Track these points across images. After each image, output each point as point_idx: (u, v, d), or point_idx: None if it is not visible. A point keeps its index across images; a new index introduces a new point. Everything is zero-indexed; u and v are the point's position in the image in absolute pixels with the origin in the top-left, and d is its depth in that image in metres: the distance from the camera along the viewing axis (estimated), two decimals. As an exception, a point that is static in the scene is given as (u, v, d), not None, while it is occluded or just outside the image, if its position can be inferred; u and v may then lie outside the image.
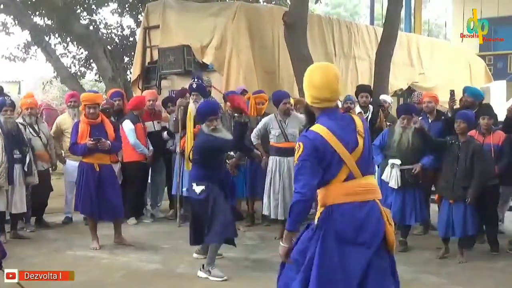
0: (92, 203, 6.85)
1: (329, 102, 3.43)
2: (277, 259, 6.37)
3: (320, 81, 3.40)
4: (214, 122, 5.90)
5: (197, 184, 5.85)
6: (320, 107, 3.44)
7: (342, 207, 3.33)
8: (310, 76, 3.46)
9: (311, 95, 3.44)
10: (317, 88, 3.40)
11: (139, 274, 5.95)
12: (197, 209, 5.93)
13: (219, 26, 10.04)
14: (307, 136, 3.35)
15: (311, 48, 10.12)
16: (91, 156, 6.88)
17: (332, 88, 3.41)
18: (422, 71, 13.91)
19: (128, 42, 15.84)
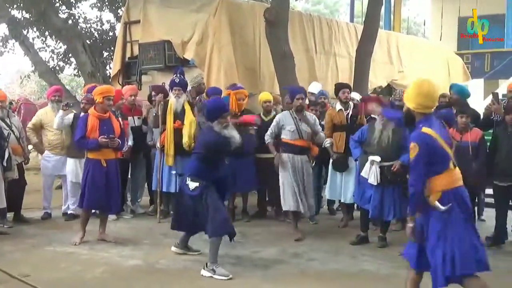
0: (100, 198, 6.86)
1: (430, 109, 4.28)
2: (258, 255, 6.47)
3: (428, 91, 4.23)
4: (227, 119, 5.91)
5: (192, 179, 5.85)
6: (423, 112, 4.25)
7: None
8: (419, 86, 4.28)
9: (418, 103, 4.24)
10: (424, 96, 4.22)
11: (120, 269, 5.93)
12: (186, 203, 5.91)
13: (200, 22, 10.01)
14: (421, 137, 4.14)
15: (292, 45, 10.16)
16: (98, 152, 6.87)
17: (435, 98, 4.35)
18: (402, 69, 14.02)
19: (107, 37, 15.70)
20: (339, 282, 5.58)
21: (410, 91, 4.34)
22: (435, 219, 4.17)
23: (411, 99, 4.30)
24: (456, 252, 4.06)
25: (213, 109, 6.04)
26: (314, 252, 6.66)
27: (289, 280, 5.62)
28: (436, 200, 4.15)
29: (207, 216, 5.75)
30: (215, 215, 5.73)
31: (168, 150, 8.01)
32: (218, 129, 5.84)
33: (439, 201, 4.14)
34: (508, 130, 6.76)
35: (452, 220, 4.12)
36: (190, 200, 5.89)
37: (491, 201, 7.74)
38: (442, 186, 4.18)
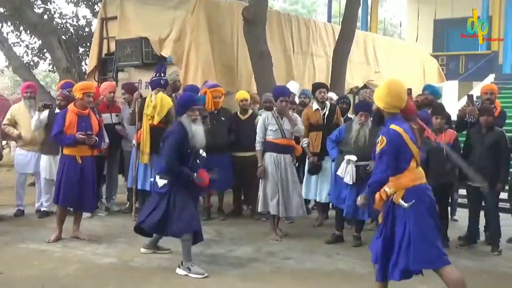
0: (75, 195, 6.80)
1: (398, 109, 4.42)
2: (233, 253, 6.47)
3: (398, 92, 4.40)
4: (196, 112, 5.84)
5: (161, 177, 5.81)
6: (391, 112, 4.41)
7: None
8: (389, 86, 4.43)
9: (387, 103, 4.41)
10: (394, 97, 4.38)
11: (94, 267, 5.88)
12: (156, 201, 5.85)
13: (178, 19, 9.96)
14: (389, 133, 4.33)
15: (270, 44, 10.18)
16: (74, 148, 6.81)
17: (404, 98, 4.43)
18: (378, 70, 14.13)
19: (83, 33, 15.55)
20: (314, 281, 5.61)
21: (380, 91, 4.50)
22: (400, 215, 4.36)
23: (380, 99, 4.46)
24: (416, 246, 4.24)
25: (182, 102, 6.02)
26: (290, 251, 6.68)
27: (265, 279, 5.63)
28: (400, 197, 4.34)
29: (173, 215, 5.69)
30: (181, 213, 5.68)
31: (144, 148, 7.96)
32: (186, 122, 5.79)
33: (403, 199, 4.33)
34: (482, 131, 6.85)
35: (415, 216, 4.30)
36: (157, 198, 5.84)
37: (464, 202, 7.85)
38: (405, 183, 4.36)
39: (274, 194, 7.14)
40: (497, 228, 6.91)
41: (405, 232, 4.30)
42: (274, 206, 7.14)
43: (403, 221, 4.33)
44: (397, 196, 4.36)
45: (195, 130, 5.80)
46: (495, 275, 5.90)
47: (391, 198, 4.40)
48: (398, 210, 4.37)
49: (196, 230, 5.80)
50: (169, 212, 5.71)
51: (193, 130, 5.79)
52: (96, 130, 6.96)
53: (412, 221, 4.29)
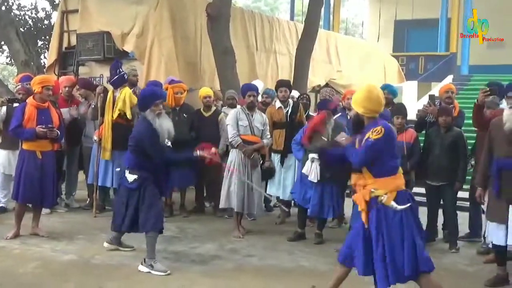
0: (35, 191, 6.66)
1: (377, 114, 4.43)
2: (195, 250, 6.45)
3: (377, 97, 4.40)
4: (159, 106, 5.77)
5: (130, 172, 5.74)
6: (371, 116, 4.40)
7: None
8: (369, 92, 4.41)
9: (366, 108, 4.39)
10: (373, 102, 4.39)
11: (54, 264, 5.78)
12: (126, 197, 5.79)
13: (141, 14, 9.87)
14: (387, 126, 4.36)
15: (233, 41, 10.18)
16: (34, 143, 6.66)
17: (382, 103, 4.45)
18: (340, 69, 14.28)
19: (42, 25, 15.28)
20: (276, 278, 5.63)
21: (359, 96, 4.46)
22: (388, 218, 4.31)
23: (360, 104, 4.43)
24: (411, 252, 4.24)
25: (144, 97, 5.93)
26: (252, 248, 6.69)
27: (227, 276, 5.63)
28: (392, 199, 4.30)
29: (142, 211, 5.67)
30: (150, 210, 5.66)
31: (105, 144, 7.86)
32: (151, 118, 5.72)
33: (395, 201, 4.29)
34: (441, 132, 6.98)
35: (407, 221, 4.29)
36: (127, 194, 5.79)
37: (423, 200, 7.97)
38: (396, 186, 4.35)
39: (240, 190, 7.15)
40: (455, 226, 7.06)
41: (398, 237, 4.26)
42: (239, 203, 7.15)
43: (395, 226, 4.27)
44: (388, 198, 4.31)
45: (159, 125, 5.74)
46: (453, 272, 6.03)
47: (380, 199, 4.33)
48: (386, 213, 4.31)
49: (161, 228, 5.82)
50: (139, 208, 5.69)
51: (158, 125, 5.73)
52: (56, 123, 6.83)
53: (406, 226, 4.26)
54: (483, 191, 5.71)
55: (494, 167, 5.47)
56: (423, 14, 21.66)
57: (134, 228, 5.87)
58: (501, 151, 5.42)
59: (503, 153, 5.40)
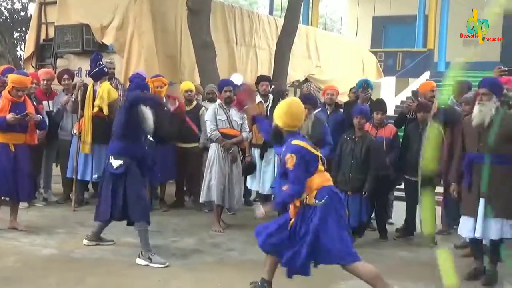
0: (9, 184, 6.60)
1: (297, 127, 4.67)
2: (176, 244, 6.44)
3: (296, 113, 4.64)
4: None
5: (115, 158, 5.77)
6: (290, 130, 4.63)
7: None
8: (290, 107, 4.64)
9: (285, 122, 4.61)
10: (293, 117, 4.62)
11: (33, 259, 5.73)
12: (112, 183, 5.80)
13: (120, 7, 9.79)
14: (295, 149, 4.51)
15: (213, 35, 10.16)
16: (6, 135, 6.60)
17: (301, 118, 4.73)
18: (319, 64, 14.34)
19: (19, 17, 15.12)
20: (258, 271, 5.60)
21: (280, 110, 4.67)
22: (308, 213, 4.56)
23: (279, 118, 4.65)
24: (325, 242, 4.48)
25: (136, 86, 6.19)
26: (233, 242, 6.71)
27: (209, 269, 5.65)
28: (313, 197, 4.53)
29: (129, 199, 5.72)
30: (139, 200, 5.73)
31: (85, 138, 7.80)
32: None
33: (315, 198, 4.52)
34: (420, 127, 7.04)
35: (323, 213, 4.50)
36: (112, 180, 5.81)
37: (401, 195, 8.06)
38: (316, 185, 4.56)
39: (220, 184, 7.16)
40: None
41: (311, 227, 4.49)
42: (219, 196, 7.16)
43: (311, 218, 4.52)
44: (310, 197, 4.54)
45: (147, 113, 5.87)
46: (431, 266, 6.07)
47: (303, 200, 4.56)
48: (309, 210, 4.55)
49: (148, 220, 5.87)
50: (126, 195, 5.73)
51: (145, 112, 5.86)
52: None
53: (320, 217, 4.48)
54: (456, 186, 5.80)
55: (465, 161, 5.59)
56: (401, 10, 21.84)
57: (124, 216, 5.91)
58: (472, 147, 5.54)
59: (473, 148, 5.51)
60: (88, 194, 8.61)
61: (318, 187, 4.56)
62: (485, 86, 5.51)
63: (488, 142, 5.34)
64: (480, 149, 5.40)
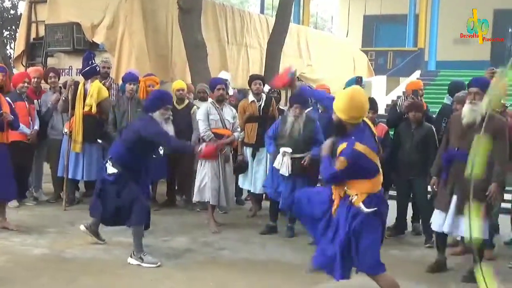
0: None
1: (361, 119, 4.36)
2: (168, 244, 6.43)
3: (361, 104, 4.31)
4: (169, 111, 5.81)
5: (112, 165, 5.70)
6: (354, 123, 4.32)
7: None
8: (352, 98, 4.30)
9: (349, 115, 4.29)
10: (358, 109, 4.29)
11: (25, 258, 5.70)
12: (104, 187, 5.80)
13: (111, 5, 9.76)
14: (352, 155, 4.23)
15: (205, 34, 10.16)
16: None
17: (366, 108, 4.40)
18: (310, 63, 14.36)
19: (8, 15, 15.03)
20: (250, 270, 5.65)
21: (341, 103, 4.34)
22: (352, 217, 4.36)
23: (343, 111, 4.32)
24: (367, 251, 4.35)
25: (157, 99, 5.87)
26: (224, 241, 6.71)
27: (201, 269, 5.64)
28: (361, 201, 4.32)
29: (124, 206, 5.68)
30: (135, 204, 5.66)
31: (76, 137, 7.78)
32: (159, 120, 5.70)
33: (363, 203, 4.31)
34: (412, 127, 7.04)
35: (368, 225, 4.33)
36: (102, 184, 5.81)
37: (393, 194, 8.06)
38: (368, 189, 4.35)
39: (213, 183, 7.16)
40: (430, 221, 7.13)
41: (347, 228, 4.35)
42: (214, 197, 7.16)
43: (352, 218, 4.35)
44: (358, 199, 4.33)
45: (166, 130, 5.73)
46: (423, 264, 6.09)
47: (350, 199, 4.37)
48: (351, 209, 4.37)
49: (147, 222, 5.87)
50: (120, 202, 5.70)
51: (165, 129, 5.73)
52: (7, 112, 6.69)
53: (361, 222, 4.32)
54: (437, 179, 5.87)
55: (446, 157, 5.67)
56: (392, 9, 21.91)
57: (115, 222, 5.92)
58: (455, 143, 5.58)
59: (456, 145, 5.54)
60: (79, 193, 8.59)
61: (369, 192, 4.34)
62: (477, 86, 5.54)
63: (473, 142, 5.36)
64: (462, 147, 5.41)
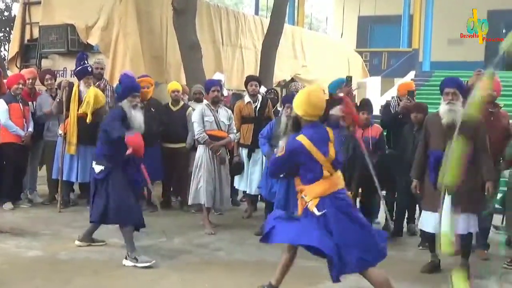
0: None
1: (316, 117, 4.42)
2: (163, 245, 6.43)
3: (317, 101, 4.41)
4: (136, 98, 5.90)
5: (97, 163, 5.76)
6: (309, 120, 4.39)
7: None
8: (309, 95, 4.44)
9: (305, 110, 4.38)
10: (313, 106, 4.39)
11: (19, 261, 5.69)
12: (95, 188, 5.82)
13: (105, 7, 9.74)
14: (293, 144, 4.35)
15: (199, 35, 10.15)
16: None
17: (323, 107, 4.45)
18: (305, 64, 14.37)
19: (3, 17, 15.00)
20: (245, 271, 5.66)
21: (299, 99, 4.49)
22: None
23: (299, 107, 4.45)
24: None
25: (125, 87, 6.05)
26: (220, 242, 6.71)
27: (197, 269, 5.64)
28: (314, 205, 4.37)
29: (112, 205, 5.68)
30: (120, 204, 5.67)
31: (71, 138, 7.77)
32: (126, 108, 5.81)
33: (316, 207, 4.36)
34: (414, 128, 7.02)
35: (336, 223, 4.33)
36: (95, 185, 5.81)
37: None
38: (318, 193, 4.38)
39: (209, 185, 7.15)
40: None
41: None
42: (208, 198, 7.15)
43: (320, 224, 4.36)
44: (312, 204, 4.40)
45: (133, 116, 5.81)
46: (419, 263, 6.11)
47: (307, 205, 4.44)
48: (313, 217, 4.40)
49: (136, 223, 5.85)
50: (108, 200, 5.69)
51: (132, 116, 5.80)
52: None
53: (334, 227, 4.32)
54: (418, 182, 5.89)
55: (431, 159, 5.66)
56: (386, 10, 21.95)
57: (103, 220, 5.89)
58: (438, 145, 5.56)
59: (440, 147, 5.49)
60: (73, 195, 8.58)
61: (321, 195, 4.38)
62: (453, 86, 5.57)
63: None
64: (447, 148, 5.42)
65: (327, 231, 4.33)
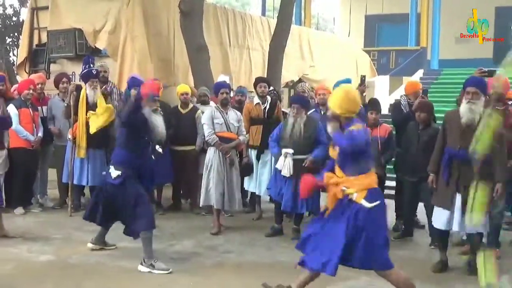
0: None
1: (354, 114, 4.52)
2: (173, 248, 6.43)
3: (355, 97, 4.53)
4: (157, 103, 5.90)
5: (115, 167, 5.72)
6: (349, 116, 4.48)
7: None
8: (347, 93, 4.53)
9: (345, 108, 4.46)
10: (352, 102, 4.50)
11: (31, 265, 5.72)
12: (110, 193, 5.79)
13: (113, 11, 9.78)
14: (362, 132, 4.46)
15: (206, 37, 10.16)
16: None
17: (360, 102, 4.63)
18: (313, 64, 14.34)
19: (11, 22, 15.07)
20: (256, 273, 5.64)
21: (336, 97, 4.54)
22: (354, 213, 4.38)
23: (337, 105, 4.49)
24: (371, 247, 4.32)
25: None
26: (230, 244, 6.71)
27: (207, 272, 5.64)
28: (363, 198, 4.38)
29: (130, 208, 5.67)
30: (142, 209, 5.66)
31: (80, 142, 7.80)
32: (147, 112, 5.71)
33: (366, 199, 4.37)
34: (419, 128, 6.99)
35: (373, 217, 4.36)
36: (112, 190, 5.77)
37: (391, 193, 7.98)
38: (366, 184, 4.43)
39: (219, 187, 7.16)
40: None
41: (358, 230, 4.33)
42: (218, 200, 7.16)
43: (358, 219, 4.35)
44: (359, 196, 4.39)
45: (154, 120, 5.79)
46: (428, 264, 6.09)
47: (350, 197, 4.42)
48: (351, 207, 4.40)
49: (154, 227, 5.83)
50: (124, 204, 5.70)
51: (154, 120, 5.78)
52: None
53: (370, 222, 4.34)
54: (435, 177, 5.88)
55: (445, 156, 5.68)
56: (393, 9, 21.86)
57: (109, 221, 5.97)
58: (454, 142, 5.58)
59: (456, 144, 5.55)
60: (84, 199, 8.60)
61: (370, 187, 4.44)
62: (474, 85, 5.54)
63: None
64: (463, 146, 5.39)
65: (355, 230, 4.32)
